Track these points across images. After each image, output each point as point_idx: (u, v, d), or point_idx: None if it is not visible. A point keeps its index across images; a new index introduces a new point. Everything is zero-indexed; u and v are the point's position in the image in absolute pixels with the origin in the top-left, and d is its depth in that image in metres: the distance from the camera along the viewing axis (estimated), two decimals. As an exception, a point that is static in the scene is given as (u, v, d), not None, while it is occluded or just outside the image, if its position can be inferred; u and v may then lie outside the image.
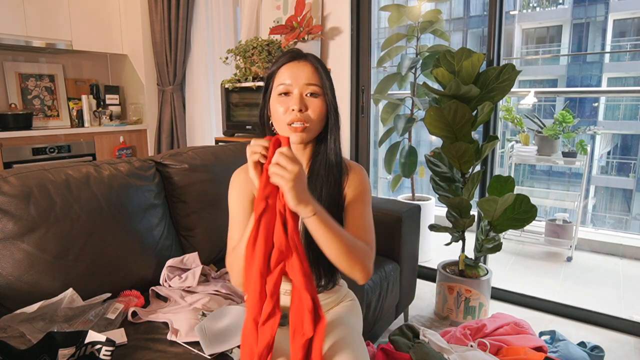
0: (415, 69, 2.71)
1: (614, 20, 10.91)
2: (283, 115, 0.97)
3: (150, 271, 1.44)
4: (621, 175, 9.63)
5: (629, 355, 1.82)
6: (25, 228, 1.19)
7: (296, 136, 0.97)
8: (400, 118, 2.74)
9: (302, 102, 0.95)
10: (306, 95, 0.96)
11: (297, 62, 0.98)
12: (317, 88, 0.96)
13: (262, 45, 2.38)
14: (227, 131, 2.67)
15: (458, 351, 1.49)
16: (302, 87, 0.96)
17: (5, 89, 3.06)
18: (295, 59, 0.98)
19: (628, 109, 9.92)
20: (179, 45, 3.09)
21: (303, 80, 0.96)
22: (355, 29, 2.45)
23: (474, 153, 1.88)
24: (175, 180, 1.60)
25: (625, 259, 3.07)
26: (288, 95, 0.97)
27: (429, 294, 2.39)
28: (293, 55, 0.99)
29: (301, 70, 0.96)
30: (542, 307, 2.21)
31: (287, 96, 0.97)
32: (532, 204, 1.88)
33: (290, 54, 0.99)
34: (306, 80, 0.96)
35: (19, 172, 1.27)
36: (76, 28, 3.11)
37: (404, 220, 1.78)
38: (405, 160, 2.79)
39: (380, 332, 1.78)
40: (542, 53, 11.77)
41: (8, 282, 1.16)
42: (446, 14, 9.26)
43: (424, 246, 2.84)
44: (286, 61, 0.99)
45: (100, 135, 3.20)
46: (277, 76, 0.99)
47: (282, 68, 0.98)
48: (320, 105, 0.97)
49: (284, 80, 0.97)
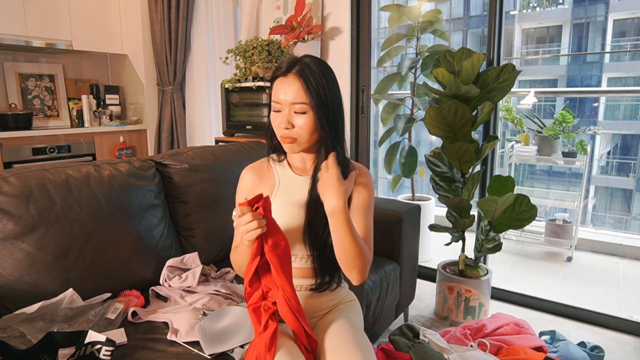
0: (415, 69, 2.71)
1: (614, 20, 10.91)
2: (276, 129, 1.04)
3: (150, 271, 1.44)
4: (621, 175, 9.63)
5: (629, 355, 1.82)
6: (25, 228, 1.19)
7: (287, 147, 1.04)
8: (400, 118, 2.75)
9: (289, 121, 1.00)
10: (295, 112, 1.00)
11: (284, 77, 1.00)
12: (303, 106, 0.99)
13: (262, 45, 2.38)
14: (227, 131, 2.67)
15: (458, 351, 1.49)
16: (289, 106, 1.00)
17: (5, 89, 3.06)
18: (284, 74, 1.00)
19: (628, 109, 9.92)
20: (179, 45, 3.09)
21: (290, 98, 0.99)
22: (355, 29, 2.45)
23: (474, 153, 1.88)
24: (175, 180, 1.60)
25: (625, 259, 3.07)
26: (279, 112, 1.02)
27: (429, 294, 2.39)
28: (284, 68, 1.01)
29: (289, 88, 0.99)
30: (542, 307, 2.21)
31: (278, 113, 1.02)
32: (532, 204, 1.88)
33: (282, 67, 1.02)
34: (292, 99, 0.99)
35: (19, 172, 1.27)
36: (76, 28, 3.11)
37: (404, 220, 1.78)
38: (405, 160, 2.79)
39: (380, 332, 1.78)
40: (542, 53, 11.77)
41: (8, 282, 1.16)
42: (446, 14, 9.26)
43: (424, 246, 2.84)
44: (278, 74, 1.02)
45: (100, 135, 3.20)
46: (273, 89, 1.03)
47: (276, 82, 1.02)
48: (307, 121, 0.99)
49: (275, 97, 1.01)
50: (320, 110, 0.99)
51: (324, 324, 1.06)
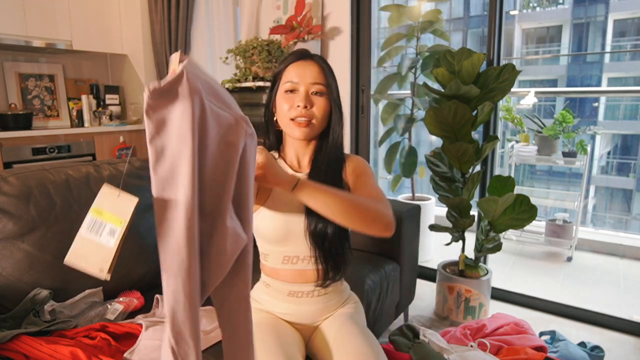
0: (415, 69, 2.71)
1: (614, 20, 10.90)
2: (288, 111, 1.00)
3: (151, 271, 1.44)
4: (621, 175, 9.63)
5: (629, 355, 1.82)
6: (25, 228, 1.19)
7: (299, 131, 1.00)
8: (400, 118, 2.74)
9: (307, 99, 0.99)
10: (312, 94, 1.00)
11: (304, 61, 1.01)
12: (322, 87, 1.00)
13: (262, 45, 2.38)
14: (227, 131, 2.66)
15: (458, 351, 1.49)
16: (308, 85, 0.99)
17: (5, 89, 3.06)
18: (302, 58, 1.02)
19: (628, 109, 9.91)
20: (179, 45, 3.08)
21: (309, 79, 0.99)
22: (355, 29, 2.45)
23: (474, 153, 1.88)
24: (175, 180, 1.59)
25: (625, 259, 3.07)
26: (294, 92, 1.00)
27: (429, 294, 2.39)
28: (301, 54, 1.03)
29: (308, 69, 1.00)
30: (542, 307, 2.21)
31: (293, 93, 1.00)
32: (532, 204, 1.88)
33: (298, 53, 1.03)
34: (312, 79, 0.99)
35: (19, 172, 1.27)
36: (76, 28, 3.10)
37: (404, 220, 1.78)
38: (405, 160, 2.79)
39: (380, 332, 1.78)
40: (542, 53, 11.77)
41: (8, 282, 1.16)
42: (446, 14, 9.25)
43: (424, 246, 2.84)
44: (294, 60, 1.02)
45: (100, 135, 3.20)
46: (284, 74, 1.02)
47: (289, 66, 1.02)
48: (325, 103, 1.01)
49: (291, 78, 1.00)
50: (335, 95, 1.03)
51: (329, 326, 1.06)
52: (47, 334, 1.07)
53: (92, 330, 1.09)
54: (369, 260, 1.72)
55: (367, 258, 1.74)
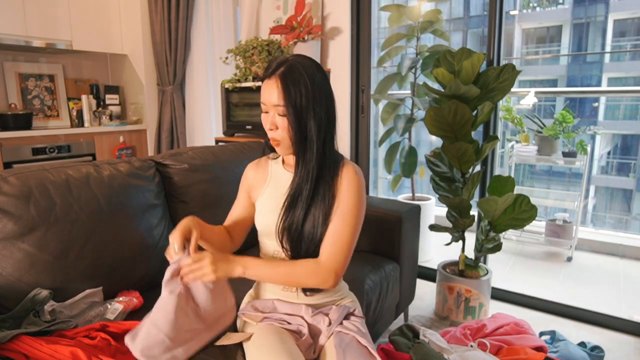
0: (415, 69, 2.71)
1: (614, 20, 10.90)
2: (267, 130, 1.05)
3: (151, 272, 1.44)
4: (621, 175, 9.62)
5: (629, 355, 1.82)
6: (25, 228, 1.19)
7: (277, 149, 1.06)
8: (400, 118, 2.74)
9: (273, 122, 1.01)
10: (278, 114, 1.00)
11: (268, 80, 1.01)
12: (282, 109, 0.99)
13: (262, 45, 2.38)
14: (227, 131, 2.67)
15: (458, 351, 1.49)
16: (272, 107, 1.01)
17: (5, 89, 3.06)
18: (267, 76, 1.01)
19: (628, 109, 9.91)
20: (179, 45, 3.09)
21: (273, 100, 0.99)
22: (355, 29, 2.45)
23: (474, 153, 1.88)
24: (175, 180, 1.60)
25: (625, 259, 3.07)
26: (267, 113, 1.03)
27: (429, 294, 2.39)
28: (266, 71, 1.02)
29: (270, 89, 1.00)
30: (542, 307, 2.21)
31: (267, 114, 1.03)
32: (532, 204, 1.88)
33: (266, 69, 1.02)
34: (274, 101, 0.99)
35: (19, 172, 1.26)
36: (76, 28, 3.10)
37: (404, 220, 1.78)
38: (405, 160, 2.79)
39: (380, 332, 1.78)
40: (542, 53, 11.77)
41: (8, 282, 1.16)
42: (446, 14, 9.26)
43: (424, 246, 2.84)
44: (264, 78, 1.03)
45: (100, 135, 3.20)
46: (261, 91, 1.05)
47: (262, 85, 1.03)
48: (286, 124, 1.00)
49: (262, 99, 1.03)
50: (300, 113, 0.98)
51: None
52: (47, 334, 1.07)
53: (92, 330, 1.09)
54: (369, 260, 1.72)
55: (367, 258, 1.74)
